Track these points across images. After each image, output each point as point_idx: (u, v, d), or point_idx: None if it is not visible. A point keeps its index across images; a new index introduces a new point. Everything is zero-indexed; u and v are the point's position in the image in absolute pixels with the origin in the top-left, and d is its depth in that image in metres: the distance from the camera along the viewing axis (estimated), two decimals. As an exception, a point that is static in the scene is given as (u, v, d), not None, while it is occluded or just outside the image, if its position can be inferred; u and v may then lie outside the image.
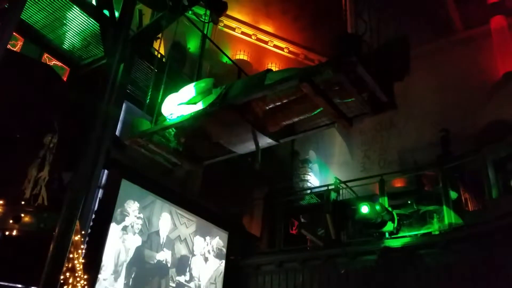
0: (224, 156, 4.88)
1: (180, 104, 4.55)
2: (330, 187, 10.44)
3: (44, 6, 6.91)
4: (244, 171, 9.14)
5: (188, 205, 9.26)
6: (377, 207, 8.64)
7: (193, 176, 9.12)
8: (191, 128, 4.53)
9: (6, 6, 6.08)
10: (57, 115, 6.82)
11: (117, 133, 8.03)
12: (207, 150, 4.83)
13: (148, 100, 5.98)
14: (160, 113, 4.82)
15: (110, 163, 7.47)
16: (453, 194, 9.01)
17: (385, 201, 9.18)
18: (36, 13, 7.00)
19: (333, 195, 10.31)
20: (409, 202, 9.48)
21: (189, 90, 4.58)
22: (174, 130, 4.65)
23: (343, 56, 3.38)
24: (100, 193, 7.65)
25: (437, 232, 8.86)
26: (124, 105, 8.32)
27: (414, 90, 11.22)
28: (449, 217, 8.73)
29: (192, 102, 4.50)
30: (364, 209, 8.75)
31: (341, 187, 10.64)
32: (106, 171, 7.76)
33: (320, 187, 11.76)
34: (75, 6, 6.86)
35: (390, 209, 9.03)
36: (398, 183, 11.07)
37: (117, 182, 7.78)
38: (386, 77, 3.67)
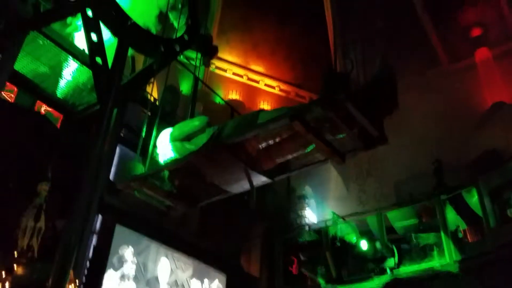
0: (219, 196, 4.84)
1: (174, 140, 4.57)
2: (328, 223, 10.35)
3: (37, 57, 7.05)
4: (241, 209, 9.07)
5: (185, 247, 9.08)
6: (377, 245, 8.55)
7: (189, 216, 9.01)
8: (184, 169, 4.52)
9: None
10: (50, 162, 6.80)
11: (111, 177, 8.00)
12: (202, 191, 4.79)
13: (141, 143, 5.99)
14: (153, 156, 4.82)
15: (103, 208, 7.40)
16: (452, 226, 8.96)
17: (384, 236, 9.08)
18: (29, 63, 7.12)
19: (331, 230, 10.21)
20: (408, 235, 9.40)
21: (183, 127, 4.62)
22: (167, 172, 4.63)
23: (332, 94, 3.44)
24: (94, 239, 7.52)
25: (438, 265, 8.74)
26: (117, 149, 8.34)
27: (405, 122, 11.36)
28: (449, 249, 8.64)
29: (186, 139, 4.52)
30: (364, 245, 8.65)
31: (339, 222, 10.54)
32: (100, 217, 7.67)
33: (317, 223, 11.64)
34: (67, 55, 6.99)
35: (389, 244, 8.92)
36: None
37: (111, 228, 7.67)
38: (376, 112, 3.73)
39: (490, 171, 8.67)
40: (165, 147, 4.61)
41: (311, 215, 13.04)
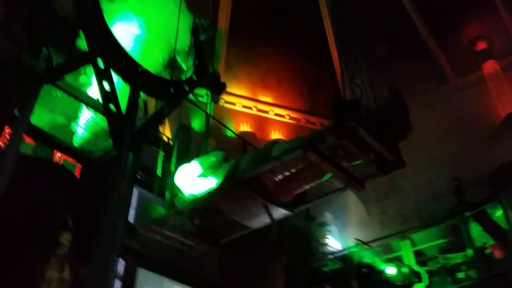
0: (240, 232, 4.83)
1: (191, 177, 4.62)
2: (351, 250, 10.16)
3: (52, 108, 7.24)
4: (261, 243, 8.96)
5: (207, 286, 8.93)
6: (404, 270, 8.33)
7: (209, 255, 8.93)
8: (203, 208, 4.54)
9: (15, 113, 6.42)
10: (70, 211, 6.89)
11: (131, 220, 8.03)
12: (223, 228, 4.79)
13: (157, 184, 6.04)
14: (171, 196, 4.86)
15: (125, 252, 7.39)
16: (478, 242, 8.73)
17: (410, 259, 8.87)
18: (45, 115, 7.32)
19: (355, 257, 10.00)
20: (435, 256, 9.17)
21: (199, 164, 4.67)
22: (187, 212, 4.65)
23: (343, 122, 3.47)
24: (117, 284, 7.47)
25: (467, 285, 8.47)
26: (135, 191, 8.41)
27: (419, 141, 11.30)
28: (478, 267, 8.39)
29: (203, 175, 4.57)
30: (391, 270, 8.44)
31: (362, 248, 10.34)
32: (121, 261, 7.65)
33: (341, 251, 11.43)
34: (81, 105, 7.18)
35: (417, 267, 8.70)
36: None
37: (133, 271, 7.62)
38: (390, 136, 3.73)
39: (510, 184, 8.50)
40: (183, 184, 4.67)
41: (333, 243, 12.81)
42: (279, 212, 4.39)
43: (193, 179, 4.62)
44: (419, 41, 13.35)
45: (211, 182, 4.51)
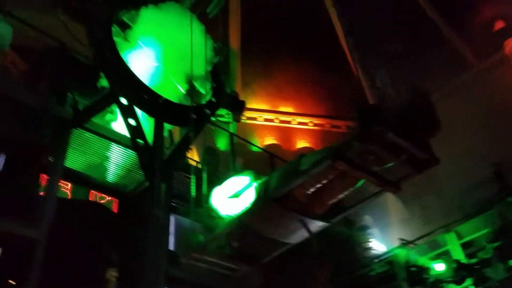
0: (279, 249, 4.83)
1: (225, 198, 4.69)
2: (396, 251, 9.90)
3: (83, 150, 7.46)
4: (304, 255, 8.87)
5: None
6: (453, 264, 8.05)
7: (253, 274, 8.89)
8: (240, 230, 4.56)
9: (50, 159, 6.66)
10: (113, 247, 7.03)
11: (171, 247, 8.11)
12: (261, 248, 4.80)
13: (192, 209, 6.11)
14: (208, 218, 4.91)
15: (169, 281, 7.45)
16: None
17: (459, 253, 8.58)
18: (77, 157, 7.55)
19: (402, 258, 9.74)
20: (484, 246, 8.84)
21: (231, 184, 4.73)
22: (225, 236, 4.69)
23: (368, 127, 3.43)
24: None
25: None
26: (172, 219, 8.51)
27: (451, 131, 11.00)
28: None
29: (235, 195, 4.61)
30: (439, 266, 8.18)
31: (408, 248, 10.06)
32: (167, 291, 7.72)
33: (386, 253, 11.14)
34: (111, 143, 7.37)
35: (466, 260, 8.40)
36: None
37: (180, 300, 7.67)
38: (419, 135, 3.66)
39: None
40: (219, 205, 4.74)
41: (377, 245, 12.51)
42: (316, 225, 4.37)
43: (227, 200, 4.69)
44: (435, 31, 13.10)
45: (244, 202, 4.55)
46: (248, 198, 4.62)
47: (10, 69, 7.87)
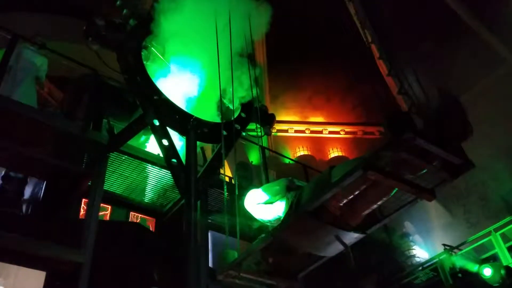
0: (316, 263, 4.77)
1: (258, 203, 4.69)
2: (440, 257, 9.58)
3: (121, 172, 7.70)
4: (346, 267, 8.71)
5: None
6: (501, 268, 7.70)
7: (294, 288, 8.81)
8: (273, 245, 4.55)
9: (89, 183, 6.91)
10: (154, 266, 7.17)
11: (210, 264, 8.19)
12: (298, 262, 4.76)
13: (228, 225, 6.15)
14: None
15: (212, 298, 7.50)
16: None
17: (507, 256, 8.20)
18: (115, 180, 7.80)
19: (447, 264, 9.40)
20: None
21: (266, 191, 4.76)
22: (259, 252, 4.69)
23: (398, 135, 3.38)
24: (209, 332, 7.57)
25: None
26: (209, 235, 8.60)
27: (488, 131, 10.59)
28: None
29: (268, 202, 4.64)
30: (487, 272, 7.84)
31: (452, 253, 9.71)
32: (209, 308, 7.77)
33: (430, 260, 10.79)
34: (146, 164, 7.58)
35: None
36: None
37: (222, 317, 7.69)
38: (451, 139, 3.57)
39: None
40: (252, 209, 4.78)
41: (420, 252, 12.14)
42: (352, 237, 4.29)
43: (260, 206, 4.73)
44: (465, 28, 12.70)
45: (278, 209, 4.58)
46: (281, 206, 4.64)
47: (48, 99, 8.28)
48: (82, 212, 7.27)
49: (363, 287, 10.44)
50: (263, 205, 4.75)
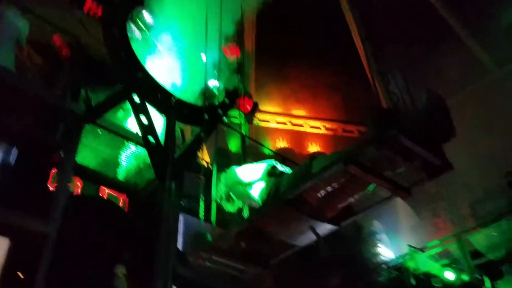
0: (288, 251, 4.79)
1: (239, 182, 4.71)
2: (405, 258, 9.79)
3: (95, 146, 7.52)
4: (314, 260, 8.81)
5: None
6: (463, 273, 7.94)
7: (263, 277, 8.85)
8: (248, 231, 4.54)
9: (61, 155, 6.72)
10: (123, 244, 7.06)
11: (180, 247, 8.12)
12: (270, 249, 4.76)
13: (202, 209, 6.11)
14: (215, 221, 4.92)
15: (177, 280, 7.45)
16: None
17: (469, 262, 8.45)
18: (88, 154, 7.61)
19: (411, 265, 9.62)
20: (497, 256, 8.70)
21: (248, 171, 4.74)
22: (233, 236, 4.67)
23: (382, 132, 3.39)
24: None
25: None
26: (181, 218, 8.53)
27: (467, 138, 10.83)
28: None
29: (248, 184, 4.63)
30: (449, 275, 8.06)
31: (417, 255, 9.94)
32: (175, 288, 7.73)
33: (394, 259, 11.03)
34: (123, 140, 7.42)
35: (476, 270, 8.28)
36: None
37: (188, 299, 7.66)
38: (433, 140, 3.61)
39: None
40: (231, 186, 4.76)
41: (386, 251, 12.39)
42: (325, 228, 4.32)
43: (238, 187, 4.72)
44: (453, 36, 12.95)
45: (254, 196, 4.58)
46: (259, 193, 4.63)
47: (27, 64, 7.97)
48: (52, 183, 7.07)
49: (329, 282, 10.59)
50: (242, 187, 4.73)
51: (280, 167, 4.63)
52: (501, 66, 13.13)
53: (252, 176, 4.74)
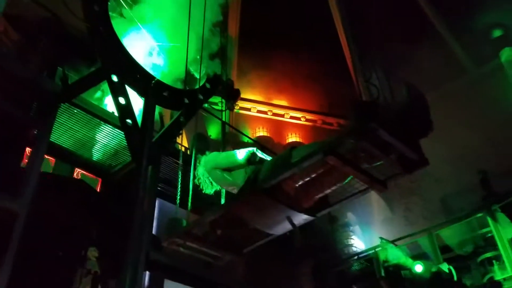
0: (263, 240, 4.79)
1: (215, 168, 4.66)
2: (376, 249, 9.99)
3: (70, 126, 7.34)
4: (287, 248, 8.90)
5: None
6: (432, 267, 8.15)
7: (236, 263, 8.89)
8: (224, 218, 4.51)
9: (35, 132, 6.53)
10: (95, 226, 6.95)
11: (154, 232, 8.06)
12: (245, 237, 4.75)
13: (179, 194, 6.05)
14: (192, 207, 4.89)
15: (151, 265, 7.41)
16: (509, 233, 8.48)
17: (438, 256, 8.68)
18: (63, 133, 7.43)
19: (382, 256, 9.83)
20: (465, 251, 8.97)
21: (227, 158, 4.69)
22: (208, 223, 4.64)
23: (362, 124, 3.39)
24: (145, 297, 7.50)
25: (501, 279, 8.23)
26: (157, 202, 8.44)
27: (442, 135, 11.03)
28: (510, 260, 8.15)
29: (227, 169, 4.60)
30: (418, 268, 8.27)
31: (388, 247, 10.15)
32: (148, 273, 7.68)
33: (366, 251, 11.25)
34: (99, 121, 7.26)
35: (445, 264, 8.51)
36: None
37: (160, 283, 7.64)
38: (411, 135, 3.63)
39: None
40: (209, 171, 4.71)
41: (358, 243, 12.64)
42: (301, 218, 4.33)
43: (215, 171, 4.68)
44: (435, 34, 13.16)
45: (231, 180, 4.54)
46: (237, 178, 4.60)
47: (2, 39, 7.66)
48: (25, 161, 6.87)
49: (299, 271, 10.74)
50: (220, 171, 4.69)
51: (260, 154, 4.60)
52: (478, 66, 13.42)
53: (232, 162, 4.70)
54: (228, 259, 4.95)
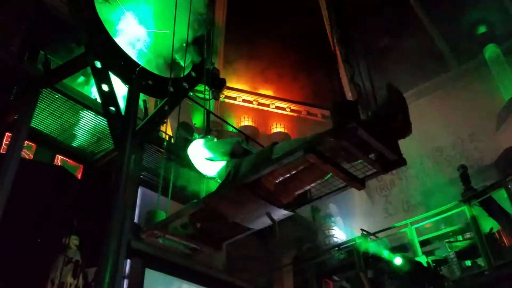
0: (242, 234, 4.81)
1: (200, 156, 4.66)
2: (356, 241, 10.13)
3: (52, 111, 7.23)
4: (268, 239, 8.98)
5: (216, 285, 8.96)
6: (411, 259, 8.31)
7: (217, 253, 8.94)
8: (203, 211, 4.52)
9: (16, 117, 6.42)
10: (75, 213, 6.91)
11: (136, 220, 8.04)
12: (225, 231, 4.76)
13: (161, 183, 6.02)
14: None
15: (132, 253, 7.41)
16: (486, 228, 8.66)
17: (417, 249, 8.85)
18: (44, 119, 7.32)
19: (362, 248, 9.97)
20: (443, 244, 9.16)
21: (211, 149, 4.69)
22: (188, 216, 4.64)
23: (343, 123, 3.41)
24: (125, 285, 7.51)
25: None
26: (139, 191, 8.40)
27: (423, 130, 11.20)
28: (486, 254, 8.34)
29: (210, 159, 4.59)
30: (397, 260, 8.42)
31: (368, 239, 10.31)
32: (129, 262, 7.68)
33: (346, 242, 11.40)
34: (81, 107, 7.16)
35: (423, 257, 8.69)
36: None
37: (141, 272, 7.66)
38: (390, 135, 3.67)
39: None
40: (195, 159, 4.71)
41: (339, 234, 12.80)
42: (281, 213, 4.36)
43: (202, 160, 4.68)
44: (419, 29, 13.21)
45: (218, 166, 4.55)
46: (219, 171, 4.60)
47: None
48: (3, 146, 6.76)
49: (281, 262, 10.84)
50: (205, 160, 4.69)
51: (245, 146, 4.60)
52: (460, 63, 13.55)
53: (215, 153, 4.70)
54: (207, 252, 4.97)
